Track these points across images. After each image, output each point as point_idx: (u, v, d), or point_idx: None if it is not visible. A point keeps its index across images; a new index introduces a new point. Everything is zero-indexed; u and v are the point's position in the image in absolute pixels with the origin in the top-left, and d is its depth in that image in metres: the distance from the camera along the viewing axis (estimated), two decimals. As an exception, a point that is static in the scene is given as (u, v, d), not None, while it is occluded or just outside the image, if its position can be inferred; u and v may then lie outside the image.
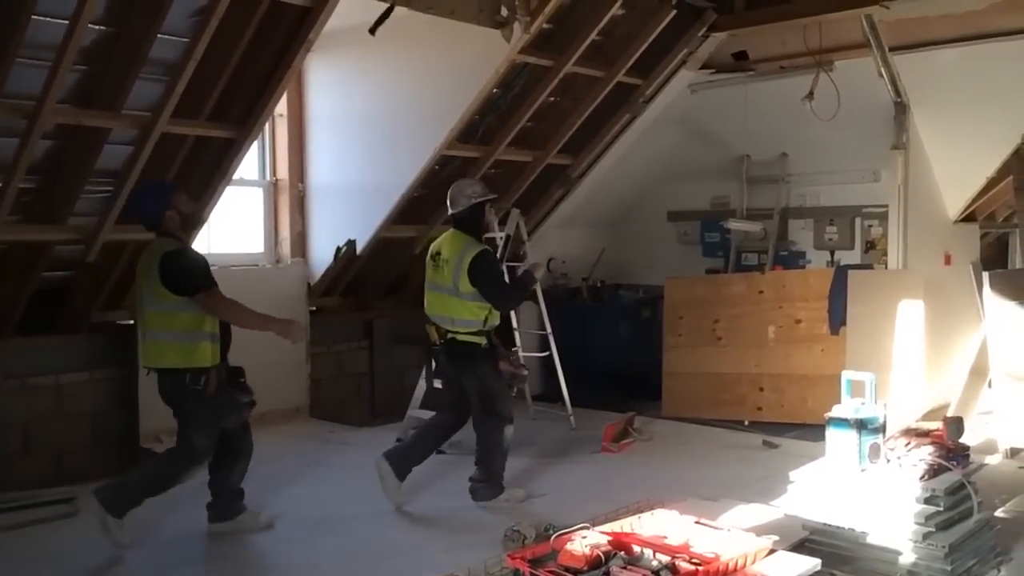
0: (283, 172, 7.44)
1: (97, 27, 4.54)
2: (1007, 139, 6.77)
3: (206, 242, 6.88)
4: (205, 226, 6.09)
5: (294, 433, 6.92)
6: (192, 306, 4.37)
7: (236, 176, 6.14)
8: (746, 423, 7.27)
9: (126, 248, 5.69)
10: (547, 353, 7.39)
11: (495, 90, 6.49)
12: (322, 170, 7.42)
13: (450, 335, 5.14)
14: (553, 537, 3.30)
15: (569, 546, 3.13)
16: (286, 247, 7.44)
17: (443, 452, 6.36)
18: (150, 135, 5.04)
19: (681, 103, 7.85)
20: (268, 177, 7.43)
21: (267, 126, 7.16)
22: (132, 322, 5.96)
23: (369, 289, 7.79)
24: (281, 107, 7.14)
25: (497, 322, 5.23)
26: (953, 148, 6.89)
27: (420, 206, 7.20)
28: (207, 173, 5.65)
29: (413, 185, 6.81)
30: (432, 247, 5.33)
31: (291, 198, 7.43)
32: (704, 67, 7.54)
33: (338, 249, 7.26)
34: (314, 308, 7.49)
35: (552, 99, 6.98)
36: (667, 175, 8.72)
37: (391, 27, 6.20)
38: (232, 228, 7.26)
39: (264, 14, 4.95)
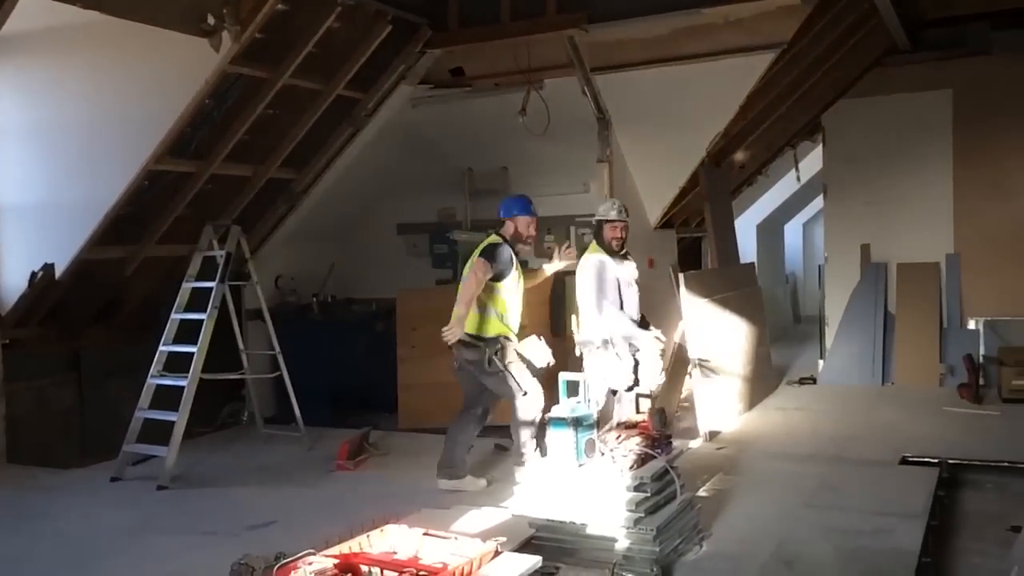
0: (-38, 190, 6.61)
1: None
2: (694, 152, 7.52)
3: None
4: None
5: (-13, 483, 6.17)
6: (488, 288, 5.52)
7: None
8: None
9: None
10: (277, 373, 7.17)
11: (207, 101, 6.18)
12: (10, 187, 6.67)
13: None
14: (276, 568, 3.18)
15: (293, 575, 3.04)
16: (-31, 274, 6.62)
17: (165, 488, 6.00)
18: None
19: (404, 117, 7.93)
20: (-56, 196, 6.57)
21: (-60, 139, 6.36)
22: None
23: (74, 316, 7.11)
24: (-44, 118, 6.36)
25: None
26: (650, 161, 7.54)
27: (130, 225, 6.70)
28: None
29: (119, 203, 6.32)
30: None
31: (-27, 219, 6.62)
32: (424, 82, 7.66)
33: (33, 274, 6.57)
34: (7, 341, 6.72)
35: (270, 112, 6.76)
36: (394, 188, 8.77)
37: (85, 32, 5.76)
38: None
39: (-76, 14, 4.38)
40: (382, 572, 3.18)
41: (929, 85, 8.91)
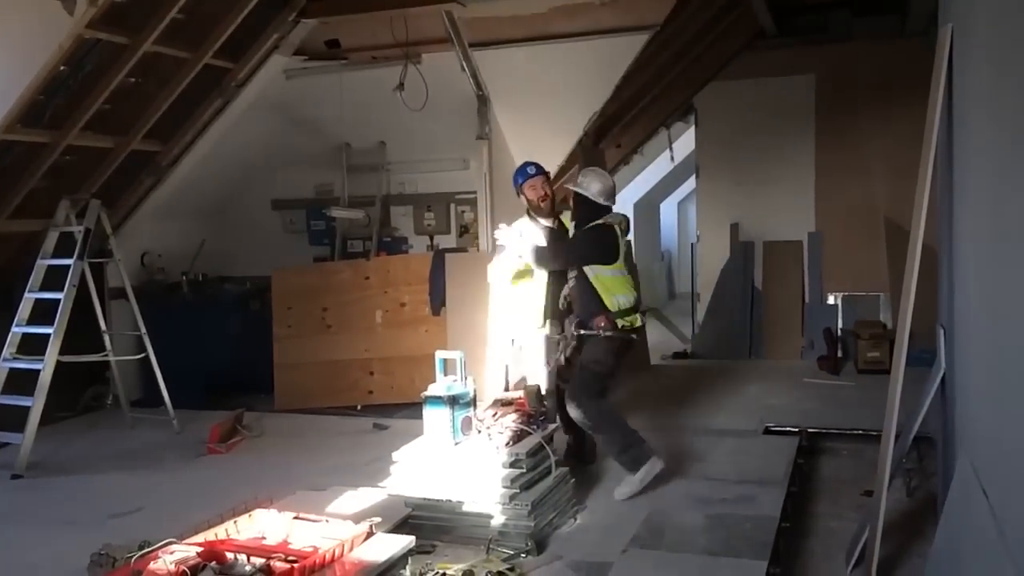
0: None
1: None
2: (572, 130, 7.56)
3: None
4: None
5: None
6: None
7: None
8: (359, 408, 7.39)
9: None
10: (143, 355, 6.87)
11: (62, 68, 5.80)
12: None
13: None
14: (134, 559, 3.05)
15: (152, 566, 2.92)
16: None
17: (20, 477, 5.70)
18: None
19: (277, 89, 7.65)
20: None
21: None
22: None
23: (-86, 297, 6.61)
24: None
25: None
26: (529, 138, 7.51)
27: (-23, 199, 6.27)
28: None
29: (-36, 175, 5.90)
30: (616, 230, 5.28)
31: None
32: (298, 53, 7.42)
33: None
34: None
35: (133, 80, 6.42)
36: (269, 162, 8.49)
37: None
38: None
39: None
40: (248, 558, 3.09)
41: (794, 70, 9.29)
